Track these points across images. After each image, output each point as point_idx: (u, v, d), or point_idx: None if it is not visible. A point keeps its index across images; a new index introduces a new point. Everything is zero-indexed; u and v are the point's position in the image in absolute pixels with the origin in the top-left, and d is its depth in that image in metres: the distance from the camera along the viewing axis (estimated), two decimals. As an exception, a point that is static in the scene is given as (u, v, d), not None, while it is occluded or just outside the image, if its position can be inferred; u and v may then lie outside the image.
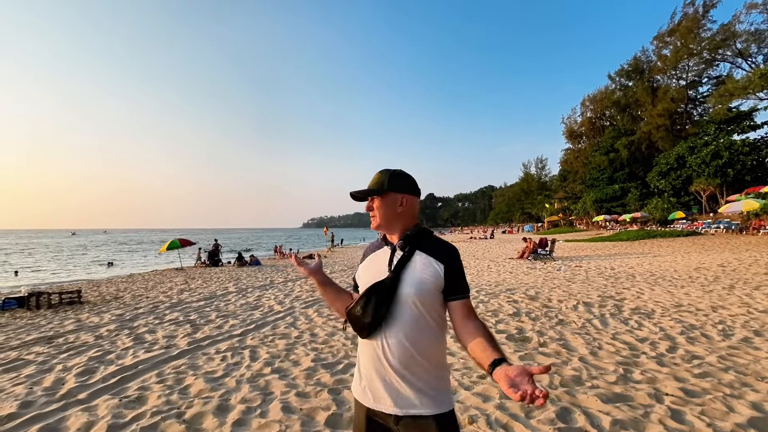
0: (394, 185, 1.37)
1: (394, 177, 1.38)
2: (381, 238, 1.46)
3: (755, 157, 30.25)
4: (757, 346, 4.02)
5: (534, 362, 3.77)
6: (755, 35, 34.56)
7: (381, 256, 1.39)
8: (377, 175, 1.41)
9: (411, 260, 1.31)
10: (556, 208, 59.79)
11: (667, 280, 8.60)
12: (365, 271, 1.41)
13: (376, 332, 1.27)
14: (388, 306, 1.26)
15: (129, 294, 9.32)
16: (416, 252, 1.33)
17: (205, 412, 2.94)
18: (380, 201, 1.37)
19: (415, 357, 1.24)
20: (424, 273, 1.28)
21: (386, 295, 1.26)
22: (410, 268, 1.30)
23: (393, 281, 1.28)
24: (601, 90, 54.50)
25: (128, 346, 4.74)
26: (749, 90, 30.35)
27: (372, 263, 1.41)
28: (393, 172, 1.40)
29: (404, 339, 1.24)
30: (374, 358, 1.28)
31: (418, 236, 1.36)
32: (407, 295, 1.26)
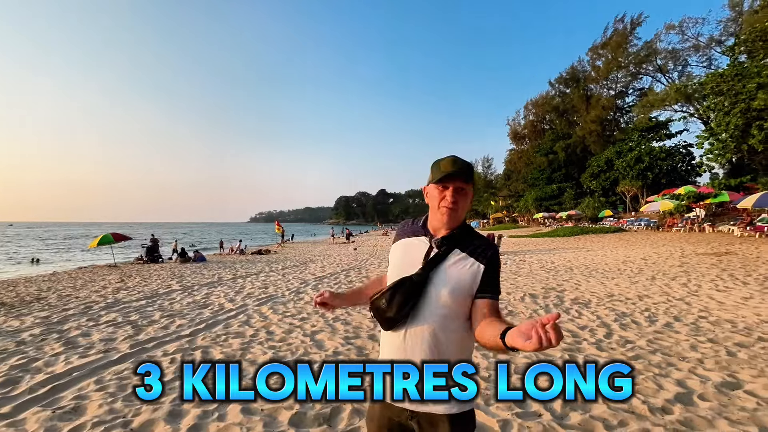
0: (474, 179, 1.27)
1: (473, 169, 1.27)
2: (422, 223, 1.33)
3: (670, 162, 33.95)
4: (677, 330, 4.55)
5: (489, 353, 3.95)
6: (672, 53, 38.74)
7: (417, 246, 1.29)
8: (462, 161, 1.23)
9: (447, 258, 1.23)
10: (500, 206, 62.98)
11: (600, 272, 9.42)
12: (397, 258, 1.32)
13: (399, 327, 1.22)
14: (415, 303, 1.20)
15: (54, 294, 8.39)
16: (455, 250, 1.24)
17: (155, 419, 2.74)
18: (466, 193, 1.25)
19: (440, 354, 1.19)
20: (461, 273, 1.21)
21: (415, 291, 1.20)
22: (445, 266, 1.22)
23: (424, 279, 1.21)
24: (543, 95, 58.12)
25: (58, 351, 4.27)
26: (666, 102, 33.99)
27: (406, 251, 1.31)
28: (470, 162, 1.26)
29: (428, 337, 1.20)
30: (394, 352, 1.23)
31: (460, 233, 1.27)
32: (439, 294, 1.20)
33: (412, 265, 1.24)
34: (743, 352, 3.73)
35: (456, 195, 1.21)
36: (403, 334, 1.22)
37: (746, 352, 3.74)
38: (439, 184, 1.23)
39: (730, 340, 4.08)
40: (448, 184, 1.21)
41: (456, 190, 1.21)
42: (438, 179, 1.22)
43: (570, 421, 2.59)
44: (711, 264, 9.74)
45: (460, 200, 1.22)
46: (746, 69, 15.56)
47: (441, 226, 1.26)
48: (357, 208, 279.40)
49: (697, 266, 9.52)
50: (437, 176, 1.22)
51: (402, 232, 1.38)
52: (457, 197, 1.21)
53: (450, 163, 1.22)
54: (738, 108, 15.39)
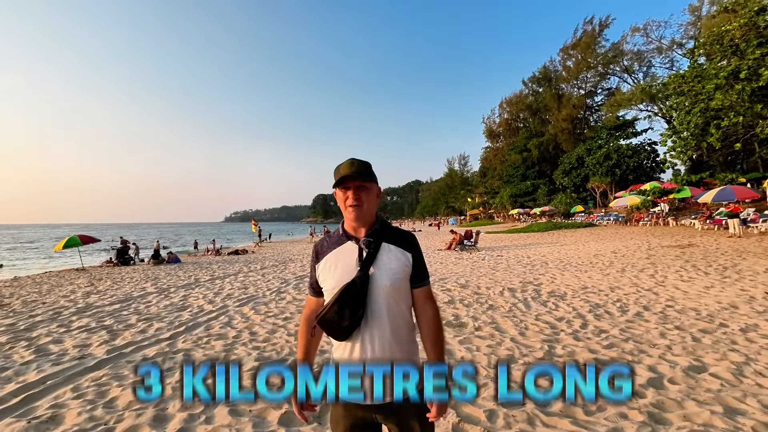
0: (375, 176, 1.36)
1: (372, 167, 1.35)
2: (342, 232, 1.38)
3: (636, 159, 35.52)
4: (646, 318, 4.79)
5: (473, 345, 4.06)
6: (637, 55, 40.45)
7: (347, 253, 1.33)
8: (359, 163, 1.32)
9: (379, 254, 1.31)
10: (477, 202, 64.11)
11: (574, 265, 9.77)
12: (331, 270, 1.33)
13: (354, 333, 1.27)
14: (365, 304, 1.26)
15: (18, 300, 7.97)
16: (383, 245, 1.33)
17: (139, 425, 2.68)
18: (367, 190, 1.32)
19: (393, 347, 1.28)
20: (394, 264, 1.31)
21: (361, 293, 1.25)
22: (380, 261, 1.30)
23: (366, 278, 1.26)
24: (517, 94, 59.52)
25: (29, 359, 4.08)
26: (632, 102, 35.54)
27: (338, 261, 1.33)
28: (368, 162, 1.35)
29: (384, 333, 1.26)
30: (353, 355, 1.28)
31: (382, 229, 1.36)
32: (382, 288, 1.27)
33: (348, 271, 1.29)
34: (707, 338, 3.98)
35: (358, 192, 1.29)
36: (360, 339, 1.26)
37: (710, 337, 4.00)
38: (341, 187, 1.31)
39: (694, 327, 4.35)
40: (349, 184, 1.30)
41: (357, 189, 1.30)
42: (337, 182, 1.30)
43: (552, 408, 2.70)
44: (675, 256, 10.29)
45: (363, 197, 1.30)
46: (705, 71, 16.45)
47: (357, 225, 1.34)
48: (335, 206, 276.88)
49: (662, 258, 10.03)
50: (336, 179, 1.30)
51: (325, 248, 1.39)
52: (359, 194, 1.29)
53: (347, 166, 1.30)
54: (698, 108, 16.25)
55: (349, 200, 1.29)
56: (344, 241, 1.35)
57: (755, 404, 2.62)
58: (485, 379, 3.21)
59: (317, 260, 1.39)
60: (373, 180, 1.33)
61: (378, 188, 1.38)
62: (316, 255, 1.40)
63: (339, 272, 1.30)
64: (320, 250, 1.40)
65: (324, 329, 1.29)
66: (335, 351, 1.34)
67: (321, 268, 1.36)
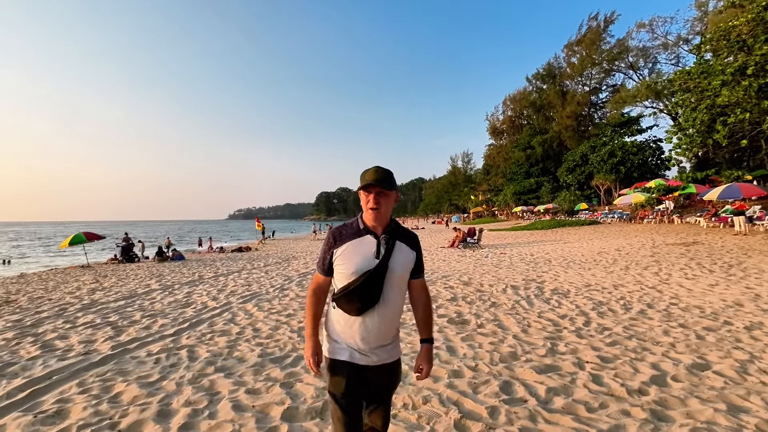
0: (395, 184, 1.60)
1: (393, 176, 1.60)
2: (362, 226, 1.61)
3: (641, 156, 35.24)
4: (650, 316, 4.77)
5: (475, 342, 4.06)
6: (643, 51, 40.08)
7: (366, 245, 1.57)
8: (382, 171, 1.54)
9: (394, 250, 1.58)
10: (480, 200, 63.90)
11: (577, 263, 9.74)
12: (350, 257, 1.56)
13: (370, 310, 1.54)
14: (381, 289, 1.54)
15: (24, 296, 8.05)
16: (397, 242, 1.61)
17: (144, 420, 2.70)
18: (386, 196, 1.56)
19: (393, 323, 1.62)
20: (405, 259, 1.62)
21: (379, 280, 1.53)
22: (395, 256, 1.58)
23: (385, 268, 1.54)
24: (520, 91, 59.06)
25: (35, 355, 4.12)
26: (637, 99, 35.17)
27: (356, 250, 1.57)
28: (390, 171, 1.58)
29: (389, 312, 1.58)
30: (360, 329, 1.55)
31: (396, 228, 1.64)
32: (395, 278, 1.57)
33: (367, 260, 1.54)
34: (711, 336, 3.96)
35: (378, 198, 1.53)
36: (370, 316, 1.54)
37: (714, 335, 3.98)
38: (364, 191, 1.55)
39: (699, 325, 4.33)
40: (371, 190, 1.54)
41: (377, 194, 1.54)
42: (362, 186, 1.54)
43: (554, 405, 2.70)
44: (680, 254, 10.22)
45: (382, 202, 1.55)
46: (711, 67, 16.26)
47: (375, 224, 1.59)
48: (338, 203, 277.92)
49: (667, 256, 9.97)
50: (362, 184, 1.54)
51: (344, 236, 1.62)
52: (379, 199, 1.54)
53: (372, 173, 1.53)
54: (704, 104, 16.08)
55: (370, 203, 1.54)
56: (363, 234, 1.59)
57: (759, 402, 2.60)
58: (487, 375, 3.21)
59: (336, 245, 1.61)
60: (392, 188, 1.57)
61: (396, 194, 1.63)
62: (334, 240, 1.62)
63: (359, 260, 1.54)
64: (339, 237, 1.62)
65: (340, 306, 1.57)
66: (340, 323, 1.59)
67: (340, 253, 1.59)
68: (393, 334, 1.63)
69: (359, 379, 1.57)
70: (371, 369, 1.57)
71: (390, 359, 1.62)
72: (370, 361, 1.56)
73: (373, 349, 1.56)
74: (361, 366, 1.56)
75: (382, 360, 1.59)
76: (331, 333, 1.63)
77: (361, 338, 1.55)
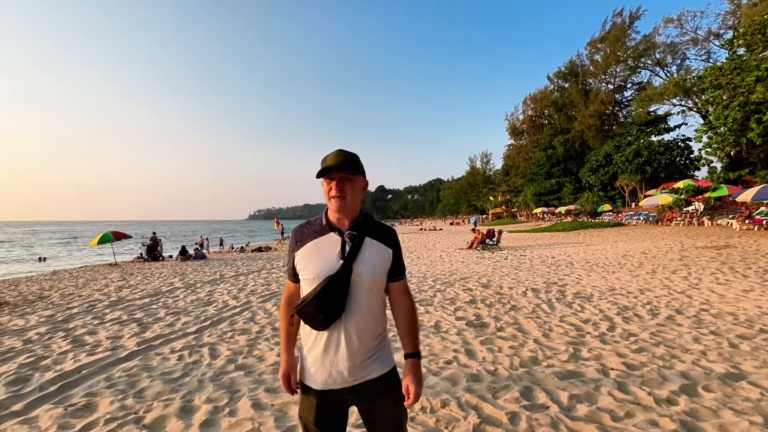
0: (362, 169, 1.36)
1: (359, 160, 1.36)
2: (325, 222, 1.37)
3: (668, 156, 33.99)
4: (679, 323, 4.59)
5: (494, 346, 3.99)
6: (671, 47, 38.61)
7: (329, 244, 1.33)
8: (344, 154, 1.32)
9: (362, 248, 1.32)
10: (499, 201, 63.03)
11: (601, 266, 9.47)
12: (311, 259, 1.32)
13: (335, 323, 1.28)
14: (346, 296, 1.27)
15: (56, 293, 8.41)
16: (366, 239, 1.34)
17: (167, 415, 2.77)
18: (352, 182, 1.32)
19: (370, 334, 1.33)
20: (376, 258, 1.33)
21: (343, 285, 1.26)
22: (363, 255, 1.31)
23: (349, 271, 1.28)
24: (541, 90, 57.97)
25: (66, 349, 4.30)
26: (665, 96, 33.95)
27: (319, 251, 1.33)
28: (355, 154, 1.35)
29: (362, 322, 1.30)
30: (330, 345, 1.29)
31: (365, 222, 1.37)
32: (363, 281, 1.30)
33: (329, 263, 1.29)
34: (745, 344, 3.77)
35: (341, 184, 1.28)
36: (338, 329, 1.29)
37: (748, 343, 3.78)
38: (326, 177, 1.30)
39: (732, 332, 4.13)
40: (333, 175, 1.29)
41: (341, 180, 1.29)
42: (321, 172, 1.29)
43: (577, 413, 2.62)
44: (711, 257, 9.80)
45: (347, 188, 1.29)
46: (745, 62, 15.55)
47: (340, 216, 1.34)
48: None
49: (696, 260, 9.57)
50: (320, 170, 1.29)
51: (305, 236, 1.38)
52: (342, 186, 1.28)
53: (333, 157, 1.29)
54: (737, 101, 15.39)
55: (332, 191, 1.29)
56: (327, 232, 1.35)
57: (799, 416, 2.46)
58: (507, 380, 3.15)
59: (297, 247, 1.37)
60: (359, 172, 1.33)
61: (364, 181, 1.39)
62: (295, 242, 1.39)
63: (320, 263, 1.30)
64: (300, 237, 1.39)
65: (303, 319, 1.31)
66: (308, 339, 1.35)
67: (300, 256, 1.35)
68: (373, 346, 1.34)
69: (335, 406, 1.35)
70: (351, 391, 1.31)
71: (372, 374, 1.33)
72: (348, 381, 1.30)
73: (348, 366, 1.29)
74: (337, 391, 1.31)
75: (364, 375, 1.31)
76: (301, 350, 1.41)
77: (331, 357, 1.29)
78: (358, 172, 1.31)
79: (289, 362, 1.42)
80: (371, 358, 1.33)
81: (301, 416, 1.38)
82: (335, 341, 1.29)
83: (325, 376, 1.30)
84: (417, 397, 1.33)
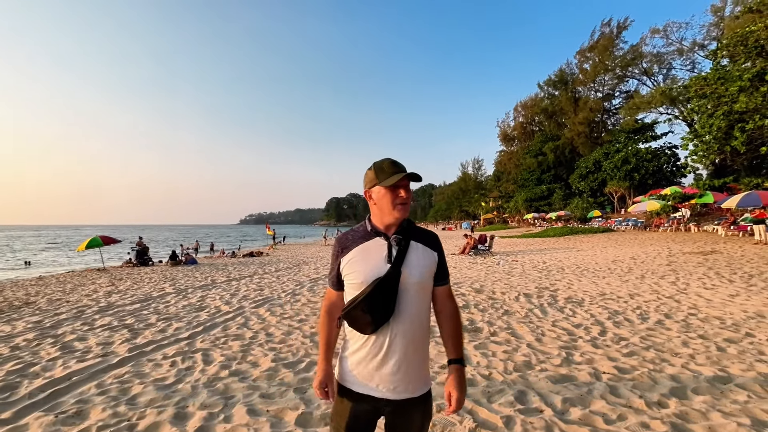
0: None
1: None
2: (370, 228, 1.38)
3: (656, 163, 34.63)
4: (668, 327, 4.67)
5: (488, 351, 4.03)
6: (657, 57, 39.55)
7: (375, 248, 1.34)
8: (400, 163, 1.35)
9: (408, 252, 1.34)
10: (491, 206, 63.46)
11: (591, 271, 9.59)
12: (358, 263, 1.33)
13: (383, 326, 1.28)
14: (395, 299, 1.28)
15: (43, 298, 8.24)
16: (411, 243, 1.36)
17: (160, 422, 2.74)
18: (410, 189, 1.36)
19: (419, 342, 1.33)
20: (423, 261, 1.35)
21: (392, 288, 1.27)
22: (409, 258, 1.32)
23: (398, 274, 1.28)
24: (532, 97, 58.77)
25: (55, 356, 4.21)
26: (652, 105, 34.70)
27: (366, 255, 1.34)
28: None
29: (410, 327, 1.30)
30: (376, 350, 1.29)
31: (409, 227, 1.40)
32: (412, 285, 1.30)
33: (377, 266, 1.30)
34: (732, 348, 3.86)
35: (408, 191, 1.34)
36: (385, 334, 1.29)
37: (735, 347, 3.87)
38: (391, 185, 1.32)
39: (719, 336, 4.22)
40: (401, 182, 1.32)
41: (407, 187, 1.34)
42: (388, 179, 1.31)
43: (571, 416, 2.66)
44: (698, 263, 9.99)
45: (410, 195, 1.35)
46: (728, 72, 15.99)
47: (394, 223, 1.35)
48: (348, 209, 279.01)
49: (684, 265, 9.76)
50: (386, 177, 1.31)
51: (350, 242, 1.39)
52: (408, 193, 1.34)
53: (394, 164, 1.33)
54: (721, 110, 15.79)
55: (400, 198, 1.32)
56: (372, 237, 1.36)
57: (785, 417, 2.53)
58: (501, 384, 3.18)
59: (342, 253, 1.39)
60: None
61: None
62: (341, 248, 1.40)
63: (367, 267, 1.31)
64: (345, 243, 1.40)
65: (350, 322, 1.32)
66: (353, 343, 1.36)
67: (346, 261, 1.36)
68: (418, 358, 1.33)
69: (368, 413, 1.34)
70: (389, 404, 1.31)
71: (416, 392, 1.32)
72: (390, 392, 1.29)
73: (395, 375, 1.28)
74: (376, 398, 1.31)
75: (406, 393, 1.30)
76: (342, 352, 1.41)
77: (376, 362, 1.29)
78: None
79: (327, 371, 1.41)
80: (417, 373, 1.32)
81: (333, 419, 1.38)
82: (382, 345, 1.29)
83: (367, 380, 1.30)
84: (459, 404, 1.31)
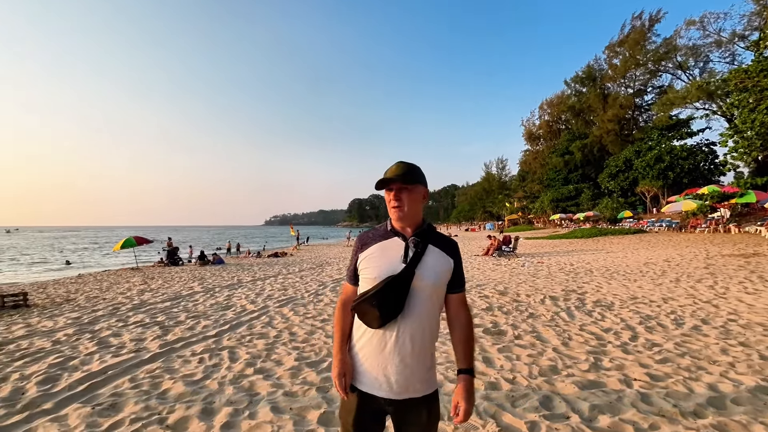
0: (421, 178, 1.40)
1: (419, 170, 1.41)
2: (390, 228, 1.42)
3: (692, 161, 33.02)
4: (705, 333, 4.44)
5: (512, 354, 3.94)
6: (693, 50, 37.68)
7: (393, 247, 1.38)
8: (403, 166, 1.38)
9: (425, 254, 1.36)
10: (515, 207, 62.25)
11: (621, 274, 9.24)
12: (374, 259, 1.38)
13: (390, 323, 1.31)
14: (405, 298, 1.30)
15: (82, 296, 8.69)
16: (429, 246, 1.38)
17: (189, 416, 2.83)
18: (410, 191, 1.37)
19: (424, 345, 1.34)
20: (438, 266, 1.36)
21: (403, 287, 1.30)
22: (425, 261, 1.34)
23: (410, 274, 1.31)
24: (558, 95, 57.31)
25: (92, 350, 4.44)
26: (687, 100, 33.10)
27: (383, 252, 1.38)
28: (415, 165, 1.40)
29: (417, 327, 1.32)
30: (381, 346, 1.32)
31: (428, 231, 1.41)
32: (424, 287, 1.32)
33: (392, 264, 1.34)
34: (777, 356, 3.62)
35: (399, 194, 1.35)
36: (393, 331, 1.31)
37: (780, 356, 3.64)
38: (385, 188, 1.38)
39: (762, 344, 3.97)
40: (391, 186, 1.36)
41: (398, 190, 1.35)
42: (380, 184, 1.37)
43: (599, 423, 2.56)
44: (738, 266, 9.45)
45: (404, 198, 1.35)
46: (772, 64, 15.07)
47: (400, 225, 1.40)
48: (370, 210, 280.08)
49: (723, 268, 9.25)
50: (379, 181, 1.36)
51: (371, 239, 1.44)
52: (400, 195, 1.35)
53: (393, 169, 1.37)
54: (764, 104, 14.91)
55: (391, 201, 1.36)
56: (391, 236, 1.41)
57: (837, 432, 2.35)
58: (526, 389, 3.11)
59: (361, 249, 1.44)
60: (417, 182, 1.37)
61: (424, 190, 1.43)
62: (360, 244, 1.46)
63: (382, 263, 1.35)
64: (365, 240, 1.46)
65: (359, 314, 1.36)
66: (359, 338, 1.39)
67: (364, 257, 1.41)
68: (423, 359, 1.34)
69: (374, 412, 1.36)
70: (392, 403, 1.32)
71: (418, 393, 1.33)
72: (392, 391, 1.30)
73: (396, 373, 1.29)
74: (378, 397, 1.33)
75: (408, 392, 1.31)
76: (351, 348, 1.43)
77: (381, 357, 1.31)
78: (416, 181, 1.36)
79: (344, 362, 1.40)
80: (419, 375, 1.33)
81: (341, 415, 1.41)
82: (387, 341, 1.31)
83: (371, 377, 1.33)
84: (467, 415, 1.31)
